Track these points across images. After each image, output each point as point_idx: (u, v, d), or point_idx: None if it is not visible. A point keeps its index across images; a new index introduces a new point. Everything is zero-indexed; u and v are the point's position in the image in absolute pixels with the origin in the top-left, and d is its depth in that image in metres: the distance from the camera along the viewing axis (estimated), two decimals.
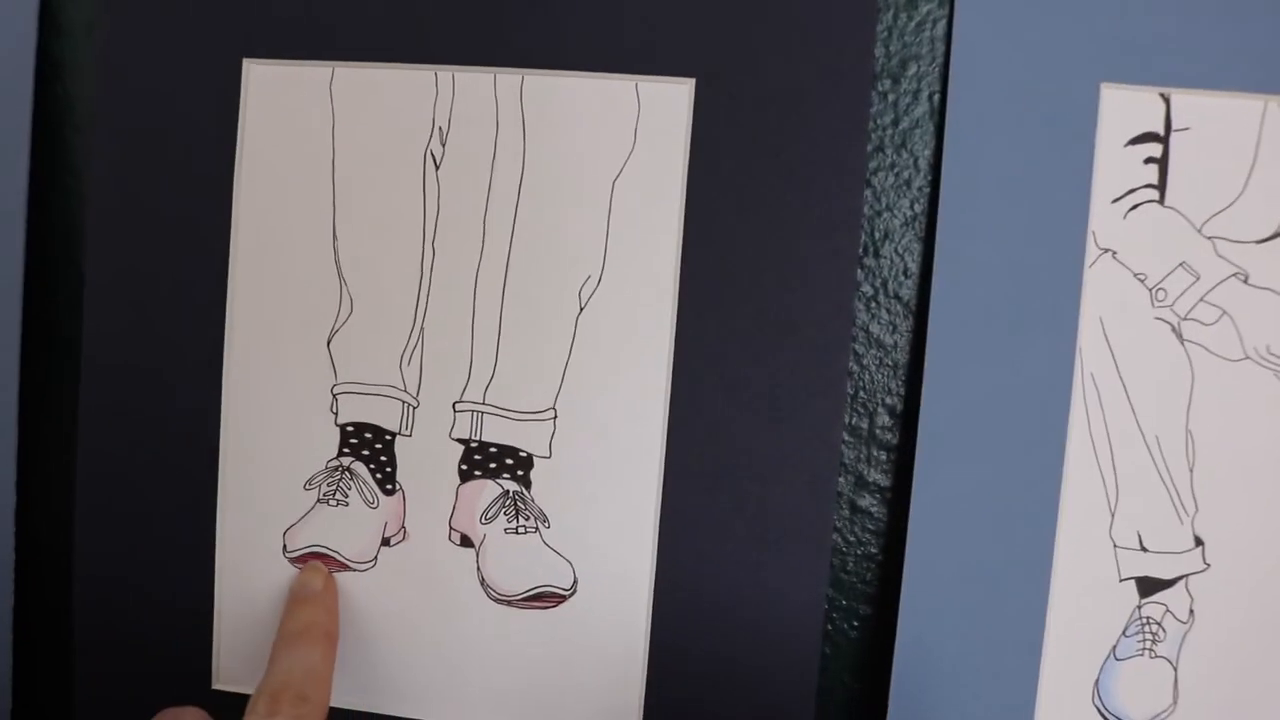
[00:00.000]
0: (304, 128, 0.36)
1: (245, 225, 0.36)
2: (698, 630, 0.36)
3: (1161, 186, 0.35)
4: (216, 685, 0.37)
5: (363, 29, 0.35)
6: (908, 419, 0.36)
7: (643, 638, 0.36)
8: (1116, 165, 0.35)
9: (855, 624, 0.37)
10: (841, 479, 0.37)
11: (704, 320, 0.35)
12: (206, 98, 0.36)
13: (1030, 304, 0.35)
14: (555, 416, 0.35)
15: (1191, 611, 0.35)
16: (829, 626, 0.37)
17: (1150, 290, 0.35)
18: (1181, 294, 0.35)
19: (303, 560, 0.37)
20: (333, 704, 0.36)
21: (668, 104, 0.35)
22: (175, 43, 0.36)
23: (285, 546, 0.37)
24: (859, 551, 0.37)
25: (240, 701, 0.36)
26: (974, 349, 0.35)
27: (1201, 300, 0.35)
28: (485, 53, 0.35)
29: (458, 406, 0.36)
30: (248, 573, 0.37)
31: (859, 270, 0.36)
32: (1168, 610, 0.36)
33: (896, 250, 0.36)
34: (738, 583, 0.35)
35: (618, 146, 0.35)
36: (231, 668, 0.37)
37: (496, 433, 0.36)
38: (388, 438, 0.36)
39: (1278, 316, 0.35)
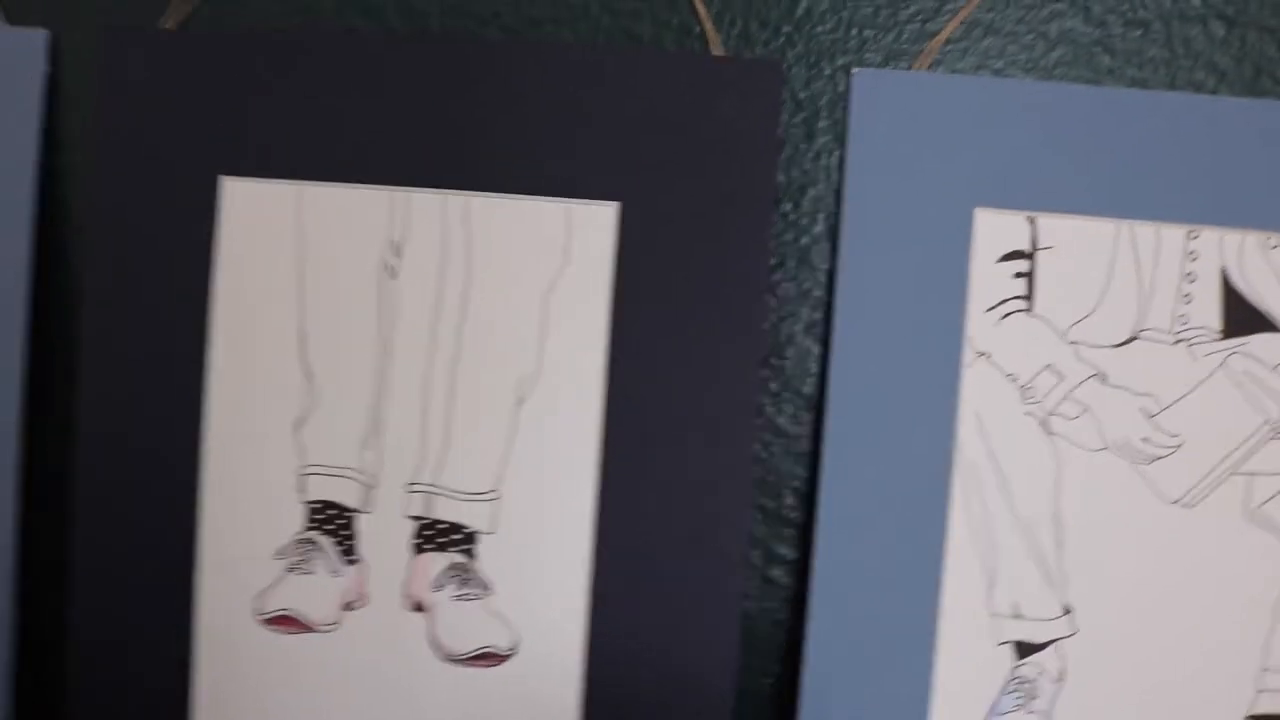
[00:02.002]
0: (274, 238, 0.41)
1: (223, 323, 0.41)
2: (625, 689, 0.40)
3: (1029, 298, 0.40)
4: None
5: (327, 153, 0.40)
6: (810, 499, 0.41)
7: (576, 694, 0.40)
8: (990, 279, 0.40)
9: (769, 681, 0.42)
10: (754, 552, 0.41)
11: (627, 414, 0.39)
12: (188, 208, 0.41)
13: (915, 400, 0.40)
14: (497, 497, 0.40)
15: (1062, 672, 0.40)
16: (743, 685, 0.42)
17: (1020, 389, 0.40)
18: (1048, 392, 0.40)
19: (274, 622, 0.41)
20: None
21: (595, 224, 0.39)
22: (161, 159, 0.41)
23: (256, 610, 0.41)
24: (769, 618, 0.42)
25: None
26: (867, 439, 0.40)
27: (1066, 398, 0.40)
28: (435, 177, 0.40)
29: (411, 488, 0.40)
30: (223, 632, 0.41)
31: (766, 370, 0.41)
32: (1041, 671, 0.40)
33: (798, 352, 0.41)
34: (661, 645, 0.40)
35: (552, 260, 0.40)
36: (207, 717, 0.41)
37: (445, 511, 0.40)
38: (349, 514, 0.41)
39: (1132, 412, 0.40)
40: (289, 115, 0.40)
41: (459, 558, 0.40)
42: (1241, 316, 0.40)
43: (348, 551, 0.41)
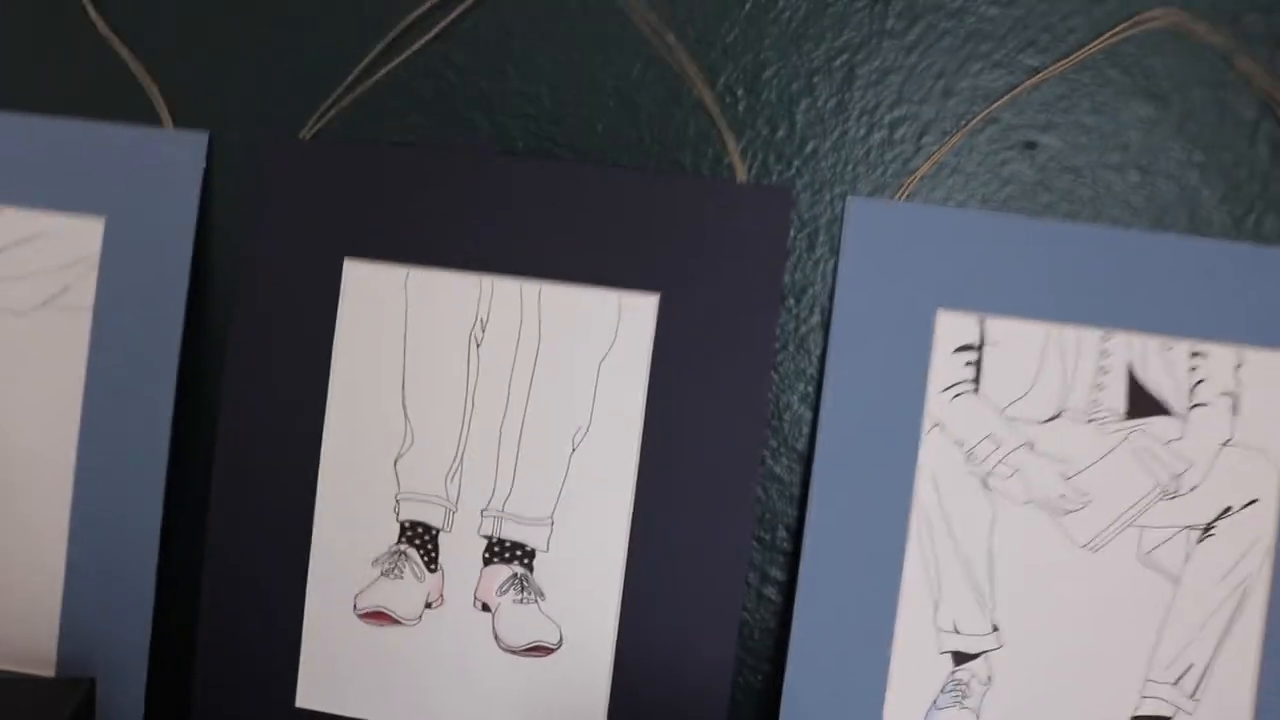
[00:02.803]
0: (385, 310, 0.51)
1: (339, 378, 0.51)
2: (644, 678, 0.50)
3: (977, 381, 0.51)
4: (299, 704, 0.52)
5: (430, 243, 0.51)
6: (799, 534, 0.51)
7: (606, 679, 0.51)
8: (946, 365, 0.51)
9: (759, 677, 0.52)
10: (751, 575, 0.52)
11: (657, 462, 0.50)
12: (316, 284, 0.51)
13: (883, 459, 0.50)
14: (553, 523, 0.51)
15: (990, 677, 0.51)
16: (740, 679, 0.52)
17: (966, 453, 0.51)
18: (987, 456, 0.51)
19: (368, 616, 0.51)
20: None
21: (640, 310, 0.50)
22: (294, 243, 0.51)
23: (355, 605, 0.51)
24: (762, 626, 0.52)
25: (315, 718, 0.50)
26: (845, 489, 0.50)
27: (1001, 461, 0.51)
28: (515, 267, 0.51)
29: (484, 513, 0.51)
30: (327, 622, 0.51)
31: (767, 429, 0.51)
32: (974, 675, 0.51)
33: (793, 417, 0.51)
34: (674, 644, 0.50)
35: (604, 337, 0.50)
36: (310, 692, 0.52)
37: (511, 532, 0.51)
38: (434, 532, 0.51)
39: (1052, 474, 0.50)
40: (401, 212, 0.51)
41: (520, 569, 0.51)
42: (1142, 403, 0.51)
43: (430, 561, 0.51)
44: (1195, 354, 0.50)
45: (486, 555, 0.51)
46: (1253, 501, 0.50)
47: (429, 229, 0.51)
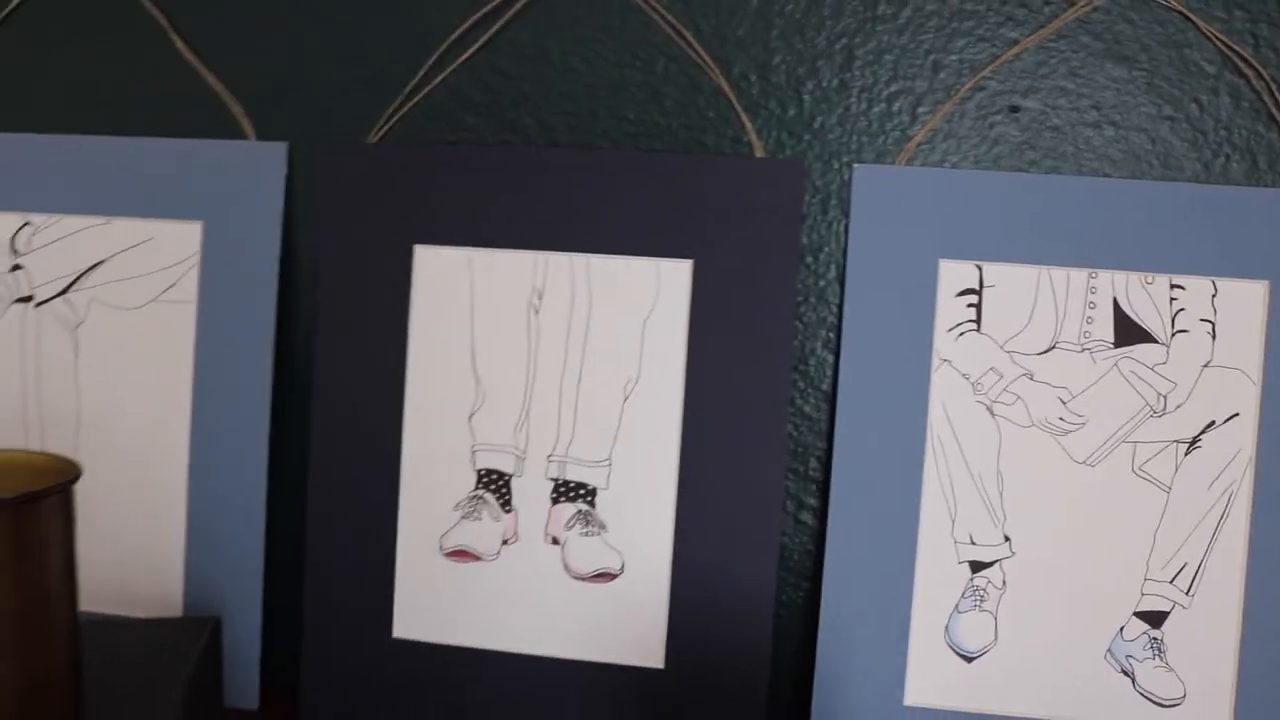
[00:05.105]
0: (453, 288, 0.58)
1: (417, 347, 0.59)
2: (697, 597, 0.57)
3: (978, 321, 0.57)
4: (396, 635, 0.59)
5: (490, 227, 0.58)
6: (828, 464, 0.58)
7: (664, 600, 0.57)
8: (950, 308, 0.57)
9: (800, 594, 0.59)
10: (788, 502, 0.59)
11: (700, 407, 0.57)
12: (392, 268, 0.59)
13: (898, 393, 0.57)
14: (610, 464, 0.58)
15: (1004, 582, 0.57)
16: (782, 596, 0.59)
17: (972, 384, 0.57)
18: (991, 387, 0.57)
19: (452, 554, 0.59)
20: (470, 645, 0.58)
21: (676, 275, 0.57)
22: (371, 232, 0.59)
23: (441, 546, 0.59)
24: (800, 548, 0.59)
25: (410, 646, 0.58)
26: (866, 421, 0.57)
27: (1004, 390, 0.57)
28: (565, 242, 0.58)
29: (550, 458, 0.58)
30: (417, 562, 0.59)
31: (794, 373, 0.58)
32: (989, 581, 0.57)
33: (818, 361, 0.58)
34: (722, 566, 0.57)
35: (646, 299, 0.57)
36: (405, 624, 0.59)
37: (574, 474, 0.58)
38: (507, 477, 0.58)
39: (1051, 399, 0.57)
40: (462, 202, 0.58)
41: (584, 506, 0.58)
42: (1128, 332, 0.57)
43: (505, 503, 0.58)
44: (1174, 286, 0.56)
45: (554, 495, 0.58)
46: (1234, 416, 0.56)
47: (487, 215, 0.58)
